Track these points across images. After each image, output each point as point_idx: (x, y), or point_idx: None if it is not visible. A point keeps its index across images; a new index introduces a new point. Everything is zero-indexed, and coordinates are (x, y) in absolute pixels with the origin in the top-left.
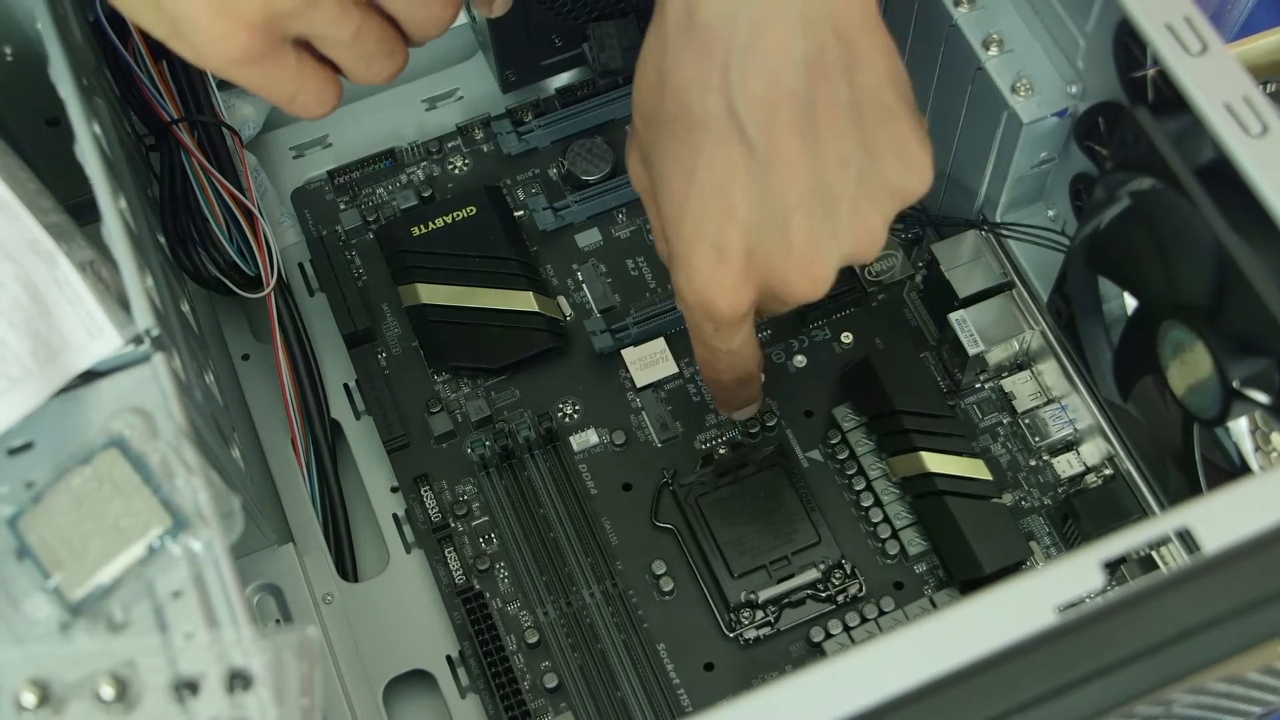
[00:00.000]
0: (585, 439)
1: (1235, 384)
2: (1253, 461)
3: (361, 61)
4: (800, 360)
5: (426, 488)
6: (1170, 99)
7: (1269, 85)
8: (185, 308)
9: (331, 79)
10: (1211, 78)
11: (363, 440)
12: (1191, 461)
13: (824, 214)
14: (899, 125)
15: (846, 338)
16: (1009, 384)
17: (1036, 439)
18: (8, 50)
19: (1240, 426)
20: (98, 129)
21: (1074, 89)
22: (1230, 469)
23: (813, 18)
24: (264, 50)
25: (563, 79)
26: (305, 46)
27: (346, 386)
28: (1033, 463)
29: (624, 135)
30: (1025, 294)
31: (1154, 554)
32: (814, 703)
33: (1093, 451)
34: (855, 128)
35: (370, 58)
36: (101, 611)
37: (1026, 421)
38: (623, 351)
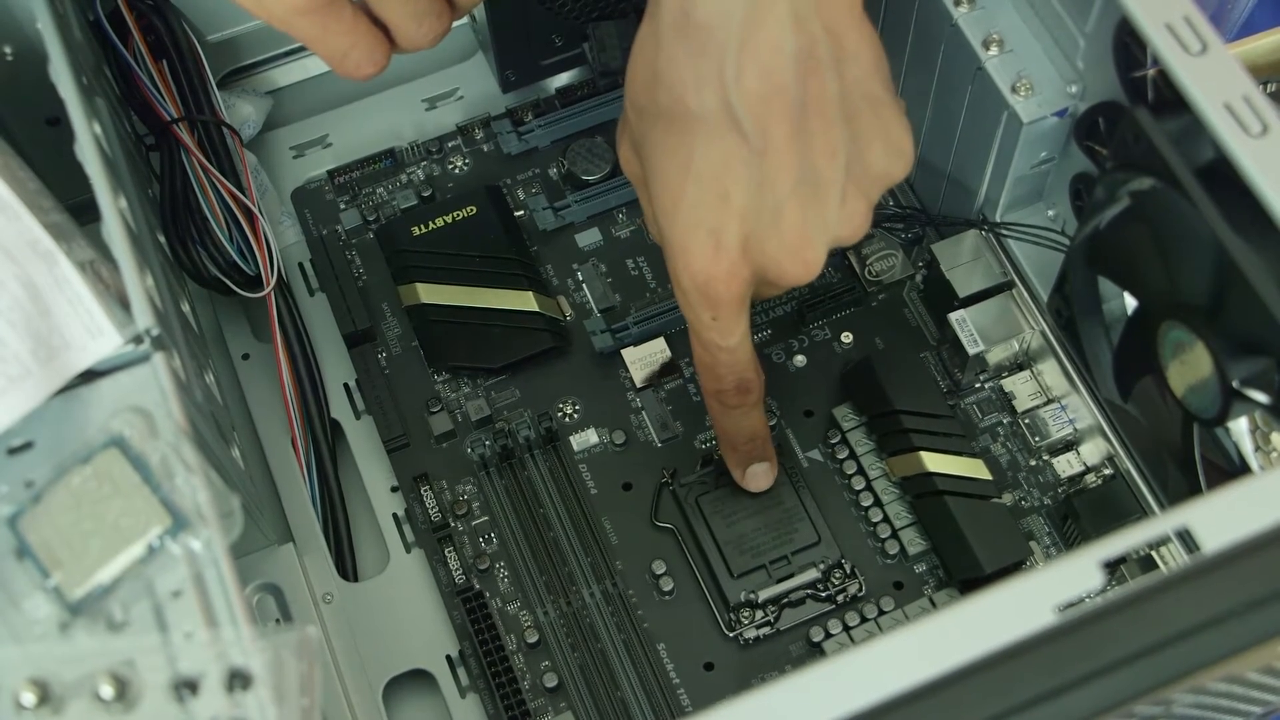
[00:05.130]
0: (585, 439)
1: (1235, 384)
2: (1253, 461)
3: (413, 20)
4: (800, 360)
5: (426, 487)
6: (1170, 99)
7: (1269, 85)
8: (185, 307)
9: (382, 40)
10: (1211, 77)
11: (363, 440)
12: (1191, 461)
13: (815, 201)
14: (884, 111)
15: (846, 338)
16: (1009, 384)
17: (1036, 439)
18: (8, 49)
19: (1240, 426)
20: (98, 128)
21: (1074, 89)
22: (1230, 469)
23: (803, 14)
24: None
25: (563, 79)
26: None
27: (346, 386)
28: (1032, 462)
29: None
30: (1025, 294)
31: (1154, 554)
32: (814, 703)
33: (1093, 451)
34: (843, 118)
35: (422, 16)
36: (101, 611)
37: (1026, 421)
38: (623, 351)
